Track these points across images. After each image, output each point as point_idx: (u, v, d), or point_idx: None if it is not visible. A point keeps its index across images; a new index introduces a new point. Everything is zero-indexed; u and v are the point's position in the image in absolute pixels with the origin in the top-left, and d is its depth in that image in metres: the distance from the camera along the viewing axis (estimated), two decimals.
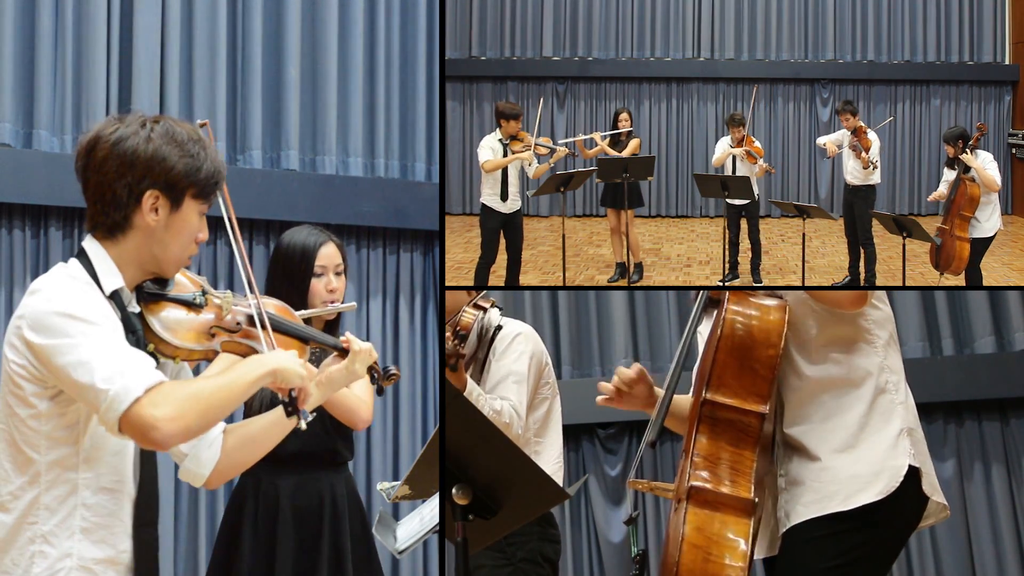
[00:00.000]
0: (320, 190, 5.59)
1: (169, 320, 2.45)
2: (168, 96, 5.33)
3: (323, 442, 3.75)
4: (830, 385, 2.81)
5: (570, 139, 7.60)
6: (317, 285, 3.76)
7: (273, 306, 2.68)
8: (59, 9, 5.13)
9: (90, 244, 2.43)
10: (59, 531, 2.34)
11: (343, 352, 2.76)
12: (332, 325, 3.82)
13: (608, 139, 7.06)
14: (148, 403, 2.22)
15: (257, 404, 3.71)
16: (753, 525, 2.67)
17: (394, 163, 5.93)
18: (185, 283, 2.54)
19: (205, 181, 2.46)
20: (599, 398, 3.06)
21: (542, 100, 8.62)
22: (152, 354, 2.40)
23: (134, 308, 2.44)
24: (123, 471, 2.42)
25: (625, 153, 6.95)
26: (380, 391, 2.93)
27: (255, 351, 2.54)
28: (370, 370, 2.83)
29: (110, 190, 2.39)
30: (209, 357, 2.52)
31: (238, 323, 2.54)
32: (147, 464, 2.46)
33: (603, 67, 9.66)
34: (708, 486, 2.68)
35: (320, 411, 3.63)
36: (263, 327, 2.53)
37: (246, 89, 5.58)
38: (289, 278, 3.77)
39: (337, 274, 3.79)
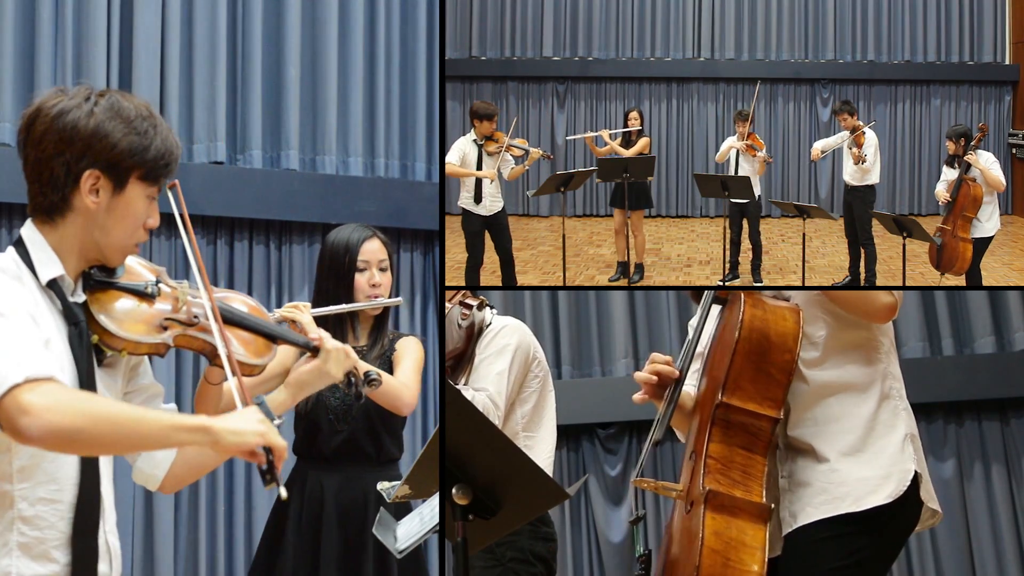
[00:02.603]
0: (320, 190, 5.59)
1: (115, 310, 2.27)
2: (168, 96, 5.33)
3: (369, 438, 3.76)
4: (837, 389, 2.81)
5: (578, 135, 7.60)
6: (360, 280, 3.77)
7: (241, 302, 2.56)
8: (59, 9, 5.13)
9: (28, 230, 2.25)
10: None
11: (316, 352, 2.66)
12: (380, 321, 3.84)
13: (619, 138, 7.06)
14: (27, 389, 1.98)
15: (302, 404, 3.70)
16: (768, 530, 2.68)
17: (394, 163, 5.92)
18: (138, 271, 2.36)
19: (153, 162, 2.23)
20: (637, 396, 2.93)
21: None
22: (97, 347, 2.25)
23: (78, 297, 2.26)
24: (62, 478, 2.20)
25: (633, 152, 6.95)
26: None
27: (212, 347, 2.37)
28: (348, 375, 2.74)
29: (48, 168, 2.21)
30: (160, 352, 2.33)
31: (195, 316, 2.36)
32: (88, 470, 2.22)
33: (603, 67, 9.66)
34: (724, 490, 2.68)
35: (366, 406, 3.64)
36: (216, 320, 2.34)
37: (246, 89, 5.58)
38: (333, 273, 3.79)
39: (381, 269, 3.80)
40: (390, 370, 3.71)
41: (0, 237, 4.91)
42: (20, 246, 2.24)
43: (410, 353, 3.76)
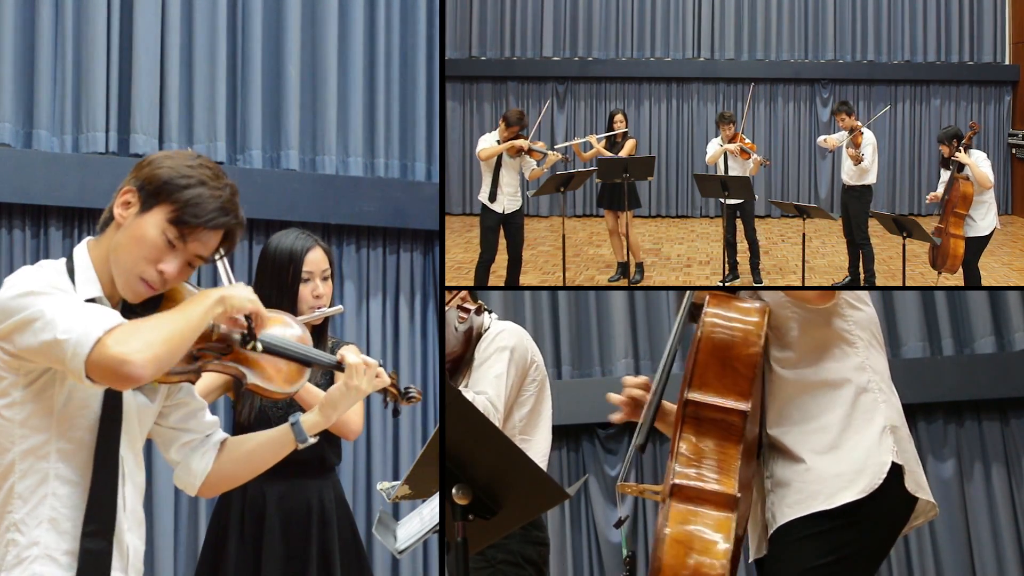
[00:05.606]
0: (320, 190, 5.59)
1: None
2: (168, 96, 5.33)
3: (312, 449, 3.72)
4: (810, 387, 2.84)
5: (566, 143, 7.61)
6: (304, 291, 3.72)
7: (280, 322, 2.53)
8: (59, 9, 5.14)
9: (79, 249, 2.40)
10: (29, 519, 2.32)
11: (342, 369, 2.61)
12: (320, 330, 3.77)
13: (604, 141, 7.07)
14: (112, 341, 2.18)
15: (246, 414, 3.70)
16: (736, 520, 2.68)
17: (394, 163, 5.93)
18: (180, 296, 2.41)
19: (184, 202, 2.31)
20: (614, 416, 3.03)
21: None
22: None
23: None
24: (85, 467, 2.36)
25: (621, 154, 6.95)
26: (396, 412, 2.79)
27: (242, 374, 2.44)
28: (385, 391, 2.70)
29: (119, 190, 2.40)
30: (192, 380, 2.44)
31: (228, 346, 2.41)
32: (104, 467, 2.37)
33: (603, 67, 9.66)
34: (690, 483, 2.70)
35: None
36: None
37: (246, 89, 5.58)
38: (277, 284, 3.72)
39: (324, 279, 3.75)
40: (332, 380, 3.59)
41: None
42: (70, 261, 2.38)
43: None
